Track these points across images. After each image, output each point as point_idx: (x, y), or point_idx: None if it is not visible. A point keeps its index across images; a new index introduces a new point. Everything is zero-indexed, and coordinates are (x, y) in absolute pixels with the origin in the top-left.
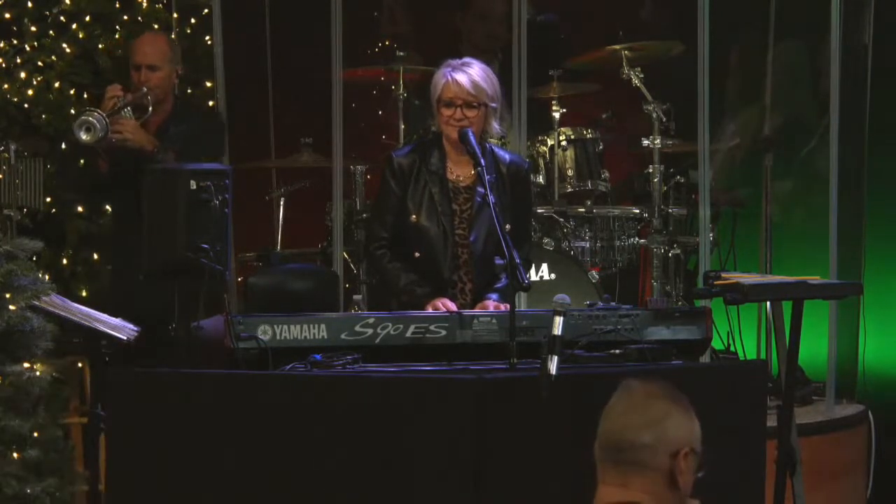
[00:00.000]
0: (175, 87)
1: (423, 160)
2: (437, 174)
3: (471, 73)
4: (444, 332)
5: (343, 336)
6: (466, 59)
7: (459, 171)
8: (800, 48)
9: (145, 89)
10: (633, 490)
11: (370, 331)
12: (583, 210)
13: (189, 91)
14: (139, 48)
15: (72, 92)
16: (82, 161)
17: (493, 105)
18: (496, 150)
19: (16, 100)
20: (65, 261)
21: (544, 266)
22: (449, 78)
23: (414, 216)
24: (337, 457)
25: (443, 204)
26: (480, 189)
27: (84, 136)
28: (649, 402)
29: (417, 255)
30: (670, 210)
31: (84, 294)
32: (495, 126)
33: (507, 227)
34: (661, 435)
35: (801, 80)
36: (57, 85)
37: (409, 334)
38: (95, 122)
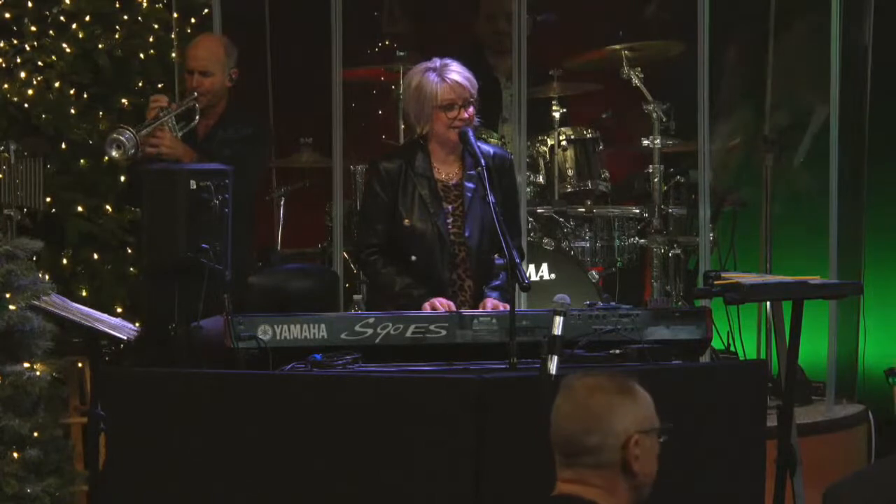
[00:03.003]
0: (228, 90)
1: (408, 164)
2: (425, 176)
3: (460, 71)
4: (444, 332)
5: (343, 336)
6: (443, 60)
7: (446, 170)
8: (799, 49)
9: (196, 94)
10: (588, 486)
11: (370, 331)
12: (583, 210)
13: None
14: (193, 53)
15: (72, 92)
16: (83, 161)
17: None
18: (480, 144)
19: (16, 100)
20: (65, 261)
21: (544, 266)
22: (447, 81)
23: (407, 220)
24: (337, 457)
25: (434, 205)
26: (469, 184)
27: (114, 153)
28: (590, 400)
29: (414, 258)
30: (670, 210)
31: (84, 294)
32: (475, 118)
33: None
34: (608, 432)
35: (801, 81)
36: (57, 85)
37: (409, 334)
38: (125, 140)
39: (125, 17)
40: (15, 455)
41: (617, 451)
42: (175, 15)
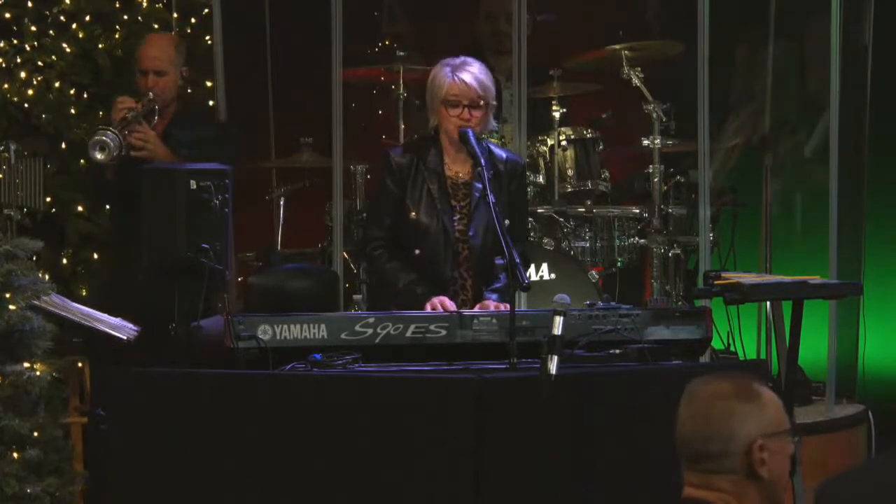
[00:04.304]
0: (178, 88)
1: (420, 158)
2: (435, 171)
3: (475, 73)
4: (444, 332)
5: (343, 336)
6: (465, 59)
7: (457, 168)
8: (790, 49)
9: (151, 95)
10: (715, 491)
11: (370, 331)
12: (583, 210)
13: (189, 91)
14: (146, 53)
15: (72, 92)
16: (83, 161)
17: (494, 103)
18: (493, 147)
19: (16, 100)
20: (65, 261)
21: (544, 266)
22: (455, 78)
23: (413, 213)
24: (337, 457)
25: (441, 201)
26: (478, 184)
27: (99, 156)
28: (710, 407)
29: (417, 252)
30: (670, 210)
31: (84, 294)
32: (493, 122)
33: (507, 222)
34: (729, 439)
35: (793, 82)
36: (57, 85)
37: (409, 334)
38: (109, 140)
39: (125, 17)
40: (15, 455)
41: (740, 458)
42: (175, 15)
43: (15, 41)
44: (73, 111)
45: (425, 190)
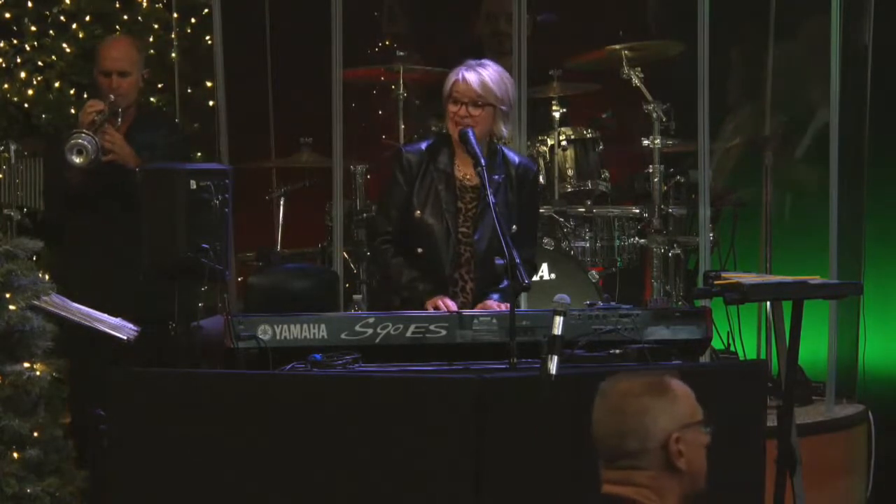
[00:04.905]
0: (139, 91)
1: (431, 157)
2: (445, 172)
3: (482, 73)
4: (444, 332)
5: (343, 336)
6: (484, 60)
7: (467, 171)
8: (790, 49)
9: (112, 97)
10: (634, 486)
11: (370, 331)
12: (583, 210)
13: (189, 91)
14: (108, 53)
15: (72, 92)
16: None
17: (503, 108)
18: (506, 151)
19: (16, 100)
20: None
21: (544, 266)
22: (460, 76)
23: (418, 212)
24: (337, 457)
25: (448, 201)
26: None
27: (77, 160)
28: (623, 405)
29: (420, 250)
30: (670, 210)
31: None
32: (503, 129)
33: (514, 227)
34: (644, 434)
35: (793, 82)
36: (57, 85)
37: (409, 334)
38: (87, 143)
39: (125, 17)
40: (15, 455)
41: (658, 452)
42: (175, 15)
43: (15, 41)
44: (73, 111)
45: (433, 189)
